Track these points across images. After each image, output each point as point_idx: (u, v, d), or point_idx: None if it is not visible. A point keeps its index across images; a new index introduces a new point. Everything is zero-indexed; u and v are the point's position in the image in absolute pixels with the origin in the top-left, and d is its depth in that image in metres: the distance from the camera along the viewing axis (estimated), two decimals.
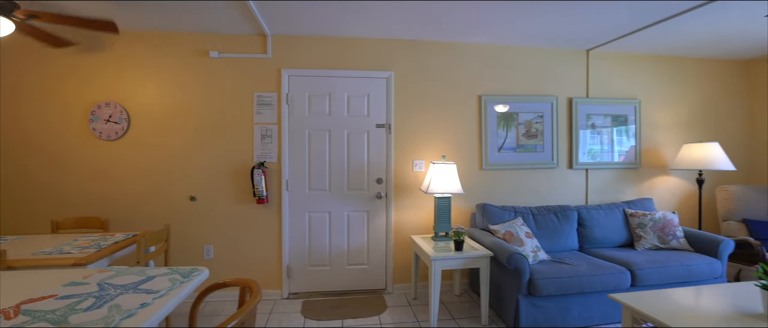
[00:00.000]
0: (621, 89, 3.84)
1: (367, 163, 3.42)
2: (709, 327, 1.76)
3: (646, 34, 3.26)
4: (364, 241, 3.45)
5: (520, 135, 3.61)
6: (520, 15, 2.84)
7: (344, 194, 3.40)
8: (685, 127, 3.99)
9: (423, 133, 3.48)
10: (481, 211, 3.28)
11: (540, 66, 3.66)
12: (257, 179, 3.19)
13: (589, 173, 3.79)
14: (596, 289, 2.73)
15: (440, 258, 2.70)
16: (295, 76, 3.32)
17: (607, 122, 3.80)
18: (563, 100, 3.71)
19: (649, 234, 3.28)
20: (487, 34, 3.30)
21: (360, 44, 3.38)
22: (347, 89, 3.38)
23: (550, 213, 3.35)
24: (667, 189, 3.95)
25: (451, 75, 3.52)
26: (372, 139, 3.42)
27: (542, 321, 2.69)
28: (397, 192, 3.45)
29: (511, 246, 2.75)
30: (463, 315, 3.02)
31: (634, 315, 2.04)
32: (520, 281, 2.64)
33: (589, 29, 3.15)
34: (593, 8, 2.72)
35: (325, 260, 3.41)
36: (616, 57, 3.82)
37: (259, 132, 3.29)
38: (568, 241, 3.30)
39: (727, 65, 4.10)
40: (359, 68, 3.39)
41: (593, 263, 2.91)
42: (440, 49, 3.49)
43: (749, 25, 3.06)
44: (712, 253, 3.06)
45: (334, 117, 3.37)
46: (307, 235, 3.38)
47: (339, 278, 3.43)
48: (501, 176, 3.60)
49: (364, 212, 3.43)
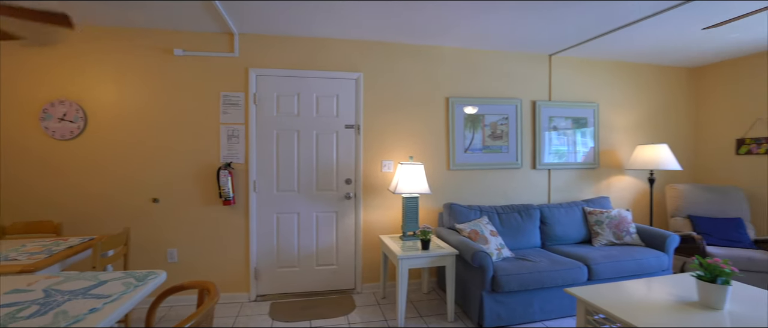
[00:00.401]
0: (581, 93, 4.03)
1: (336, 163, 3.43)
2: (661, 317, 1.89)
3: (603, 41, 3.43)
4: (333, 241, 3.45)
5: (486, 136, 3.71)
6: (486, 19, 2.93)
7: (313, 195, 3.39)
8: (639, 130, 4.23)
9: (392, 133, 3.52)
10: (448, 210, 3.36)
11: (505, 69, 3.78)
12: (224, 180, 3.13)
13: (552, 173, 3.95)
14: (556, 284, 2.85)
15: (407, 257, 2.74)
16: (263, 75, 3.28)
17: (568, 124, 3.97)
18: (527, 102, 3.85)
19: (605, 231, 3.46)
20: (455, 38, 3.38)
21: (329, 45, 3.39)
22: (316, 90, 3.38)
23: (514, 212, 3.47)
24: (622, 188, 4.18)
25: (420, 77, 3.58)
26: (341, 139, 3.43)
27: (505, 316, 2.79)
28: (366, 192, 3.47)
29: (475, 244, 2.83)
30: (430, 313, 3.08)
31: (587, 308, 2.15)
32: (484, 278, 2.72)
33: (550, 35, 3.29)
34: (553, 15, 2.84)
35: (293, 261, 3.39)
36: (576, 62, 4.00)
37: (226, 132, 3.23)
38: (531, 238, 3.42)
39: (677, 72, 4.37)
40: (328, 69, 3.39)
41: (553, 259, 3.03)
42: (409, 51, 3.54)
43: (689, 36, 3.28)
44: (660, 247, 3.26)
45: (303, 117, 3.36)
46: (276, 236, 3.35)
47: (308, 279, 3.42)
48: (468, 176, 3.69)
49: (333, 213, 3.44)
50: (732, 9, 2.69)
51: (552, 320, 2.93)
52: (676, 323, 1.80)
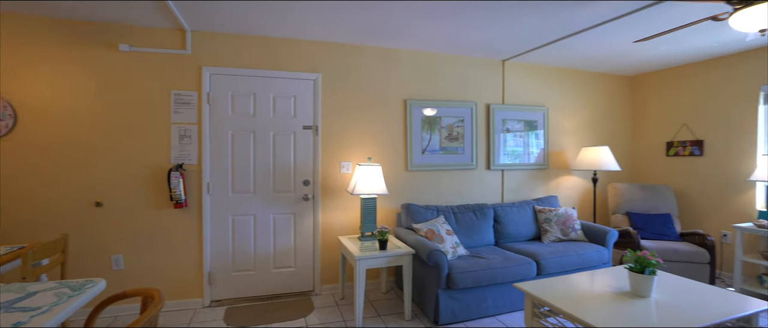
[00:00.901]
0: (532, 97, 4.24)
1: (294, 164, 3.39)
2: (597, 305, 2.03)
3: (551, 49, 3.63)
4: (291, 243, 3.41)
5: (443, 138, 3.82)
6: (443, 24, 3.01)
7: (270, 197, 3.33)
8: (584, 133, 4.53)
9: (351, 135, 3.54)
10: (405, 210, 3.42)
11: (461, 73, 3.91)
12: (175, 182, 3.00)
13: (505, 174, 4.13)
14: (507, 280, 2.99)
15: (365, 258, 2.77)
16: (218, 74, 3.18)
17: (520, 127, 4.17)
18: (482, 106, 4.00)
19: (553, 228, 3.67)
20: (413, 41, 3.44)
21: (287, 45, 3.34)
22: (273, 90, 3.32)
23: (470, 211, 3.59)
24: (569, 187, 4.45)
25: (379, 79, 3.62)
26: (299, 140, 3.39)
27: (460, 312, 2.88)
28: (325, 193, 3.46)
29: (431, 243, 2.91)
30: (388, 312, 3.12)
31: (533, 301, 2.28)
32: (440, 276, 2.80)
33: (503, 42, 3.44)
34: (505, 22, 2.97)
35: (250, 264, 3.31)
36: (528, 68, 4.21)
37: (177, 132, 3.10)
38: (486, 236, 3.56)
39: (617, 80, 4.71)
40: (286, 69, 3.34)
41: (506, 256, 3.18)
42: (368, 53, 3.57)
43: (623, 48, 3.56)
44: (601, 242, 3.51)
45: (260, 118, 3.29)
46: (231, 239, 3.26)
47: (265, 282, 3.35)
48: (425, 176, 3.78)
49: (290, 214, 3.39)
50: (659, 26, 2.94)
51: (504, 314, 3.06)
52: (609, 312, 1.95)
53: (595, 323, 1.83)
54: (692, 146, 4.15)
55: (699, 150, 4.09)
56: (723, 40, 3.39)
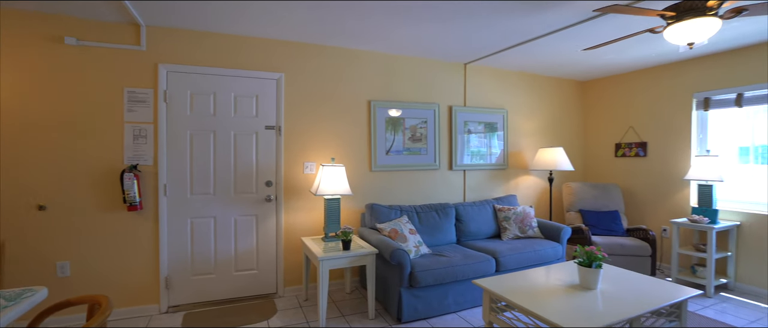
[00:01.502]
0: (492, 100, 4.40)
1: (256, 165, 3.33)
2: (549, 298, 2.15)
3: (510, 54, 3.79)
4: (253, 245, 3.35)
5: (407, 139, 3.89)
6: (406, 27, 3.07)
7: (231, 198, 3.26)
8: (541, 134, 4.75)
9: (314, 135, 3.52)
10: (369, 211, 3.45)
11: (424, 76, 3.99)
12: (128, 184, 2.87)
13: (467, 174, 4.25)
14: (468, 277, 3.09)
15: (328, 258, 2.77)
16: (176, 72, 3.07)
17: (481, 128, 4.32)
18: (444, 107, 4.11)
19: (512, 226, 3.82)
20: (376, 43, 3.48)
21: (249, 43, 3.28)
22: (234, 89, 3.25)
23: (432, 211, 3.68)
24: (527, 186, 4.65)
25: (343, 79, 3.62)
26: (261, 140, 3.34)
27: (422, 310, 2.95)
28: (288, 194, 3.43)
29: (395, 243, 2.96)
30: (352, 312, 3.14)
31: (491, 296, 2.37)
32: (402, 274, 2.85)
33: (465, 46, 3.55)
34: (466, 27, 3.07)
35: (210, 267, 3.22)
36: (489, 71, 4.37)
37: (131, 131, 2.96)
38: (448, 235, 3.66)
39: (571, 84, 4.98)
40: (248, 68, 3.28)
41: (466, 253, 3.28)
42: (332, 54, 3.57)
43: (574, 55, 3.77)
44: (556, 238, 3.70)
45: (220, 117, 3.21)
46: (190, 242, 3.15)
47: (226, 286, 3.27)
48: (389, 176, 3.83)
49: (252, 216, 3.33)
50: (605, 36, 3.15)
51: (465, 310, 3.16)
52: (559, 304, 2.07)
53: (545, 315, 1.94)
54: (637, 148, 4.46)
55: (643, 151, 4.40)
56: (661, 51, 3.67)
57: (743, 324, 2.90)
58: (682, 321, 2.30)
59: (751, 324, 2.91)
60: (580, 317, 1.92)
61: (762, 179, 3.55)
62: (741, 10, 2.09)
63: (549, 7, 2.63)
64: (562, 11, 2.70)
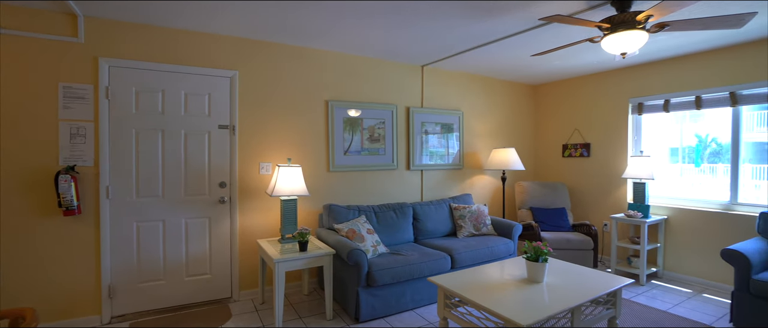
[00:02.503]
0: (449, 101, 4.53)
1: (209, 166, 3.21)
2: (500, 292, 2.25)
3: (465, 57, 3.91)
4: (206, 249, 3.23)
5: (365, 139, 3.91)
6: (361, 27, 3.08)
7: (181, 200, 3.12)
8: (494, 135, 4.95)
9: (271, 135, 3.45)
10: (327, 211, 3.44)
11: (383, 77, 4.03)
12: (64, 187, 2.67)
13: (424, 174, 4.35)
14: (424, 274, 3.16)
15: (284, 260, 2.73)
16: (119, 67, 2.89)
17: (438, 129, 4.43)
18: (402, 108, 4.17)
19: (467, 224, 3.96)
20: (334, 42, 3.47)
21: (201, 39, 3.15)
22: (185, 86, 3.11)
23: (390, 210, 3.72)
24: (482, 185, 4.83)
25: (300, 79, 3.58)
26: (214, 140, 3.23)
27: (380, 308, 2.98)
28: (243, 196, 3.34)
29: (352, 243, 2.97)
30: (310, 313, 3.12)
31: (445, 293, 2.45)
32: (360, 274, 2.87)
33: (421, 48, 3.62)
34: (421, 29, 3.14)
35: (158, 273, 3.07)
36: (445, 74, 4.48)
37: (67, 130, 2.75)
38: (405, 234, 3.72)
39: (523, 88, 5.23)
40: (200, 65, 3.16)
41: (423, 252, 3.35)
42: (289, 52, 3.52)
43: (524, 60, 3.97)
44: (508, 235, 3.88)
45: (169, 116, 3.07)
46: (136, 247, 2.98)
47: (177, 292, 3.13)
48: (348, 177, 3.84)
49: (205, 219, 3.21)
50: (551, 43, 3.34)
51: (422, 307, 3.23)
52: (507, 297, 2.18)
53: (494, 308, 2.03)
54: (582, 148, 4.77)
55: (587, 152, 4.71)
56: (602, 59, 3.95)
57: (667, 308, 3.20)
58: (617, 308, 2.49)
59: (673, 307, 3.21)
60: (526, 308, 2.03)
61: (687, 176, 3.93)
62: (664, 25, 2.30)
63: (502, 14, 2.75)
64: (514, 18, 2.83)
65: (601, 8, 2.59)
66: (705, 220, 3.69)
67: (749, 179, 7.76)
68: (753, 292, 2.70)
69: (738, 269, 2.78)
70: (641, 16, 2.27)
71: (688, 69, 3.79)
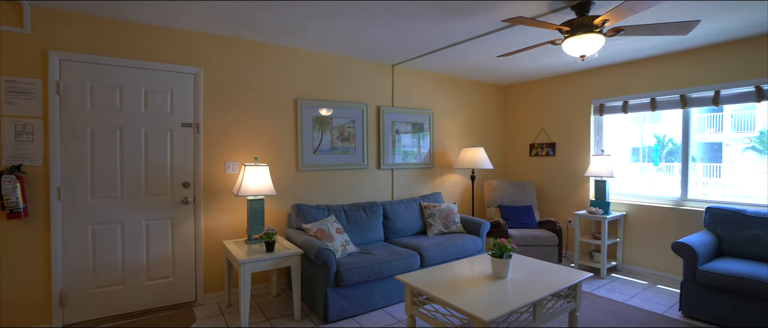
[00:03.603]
0: (419, 101, 4.57)
1: (171, 165, 3.10)
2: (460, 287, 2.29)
3: (434, 57, 3.95)
4: (169, 251, 3.11)
5: (335, 138, 3.88)
6: (331, 25, 3.05)
7: (142, 201, 2.99)
8: (464, 135, 5.03)
9: (237, 133, 3.37)
10: (296, 211, 3.39)
11: (353, 75, 4.01)
12: (9, 188, 2.50)
13: (395, 173, 4.37)
14: (393, 273, 3.17)
15: (250, 261, 2.67)
16: (71, 61, 2.74)
17: (409, 129, 4.46)
18: (373, 107, 4.17)
19: (437, 222, 4.00)
20: (302, 40, 3.42)
21: (162, 34, 3.03)
22: (145, 83, 2.99)
23: (360, 209, 3.71)
24: (452, 184, 4.90)
25: (268, 76, 3.51)
26: (177, 139, 3.11)
27: (349, 308, 2.97)
28: (208, 196, 3.24)
29: (320, 243, 2.94)
30: (278, 315, 3.06)
31: (412, 290, 2.46)
32: (328, 274, 2.84)
33: (391, 47, 3.62)
34: (390, 29, 3.14)
35: (116, 278, 2.93)
36: (415, 74, 4.52)
37: (12, 127, 2.58)
38: (375, 233, 3.72)
39: (492, 88, 5.35)
40: (161, 60, 3.03)
41: (393, 250, 3.36)
42: (256, 49, 3.44)
43: (491, 61, 4.06)
44: (476, 233, 3.95)
45: (128, 113, 2.93)
46: (91, 251, 2.84)
47: (137, 297, 3.00)
48: (317, 176, 3.80)
49: (167, 220, 3.09)
50: (517, 44, 3.43)
51: (391, 306, 3.24)
52: (472, 293, 2.22)
53: (459, 304, 2.06)
54: (548, 148, 4.92)
55: (553, 151, 4.87)
56: (566, 61, 4.09)
57: (624, 299, 3.36)
58: (577, 301, 2.59)
59: (630, 298, 3.37)
60: (490, 304, 2.07)
61: (647, 175, 4.14)
62: (619, 29, 2.41)
63: (470, 16, 2.79)
64: (481, 20, 2.88)
65: (562, 12, 2.68)
66: (659, 215, 3.89)
67: (701, 176, 8.22)
68: (699, 281, 2.88)
69: (686, 261, 2.95)
70: (598, 20, 2.37)
71: (644, 72, 3.99)
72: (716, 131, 9.37)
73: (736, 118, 9.11)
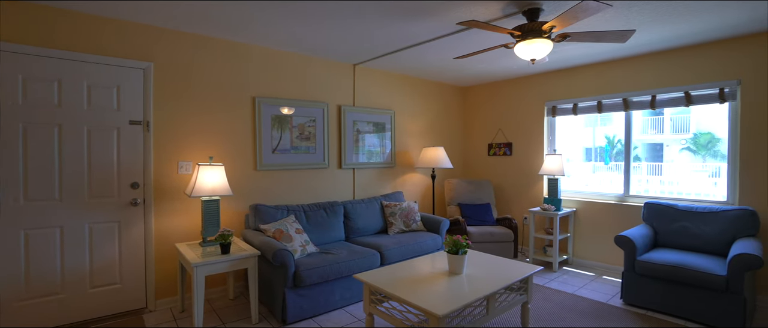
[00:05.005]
0: (381, 101, 4.60)
1: (118, 165, 2.93)
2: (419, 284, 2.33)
3: (396, 58, 3.99)
4: (115, 256, 2.94)
5: (295, 137, 3.83)
6: (288, 23, 3.01)
7: (84, 203, 2.81)
8: (425, 135, 5.12)
9: (192, 132, 3.24)
10: (253, 212, 3.31)
11: (314, 74, 3.98)
12: None
13: (356, 172, 4.37)
14: (353, 272, 3.17)
15: (203, 264, 2.58)
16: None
17: (370, 128, 4.48)
18: (334, 107, 4.16)
19: (398, 221, 4.05)
20: (261, 37, 3.34)
21: (107, 25, 2.86)
22: (88, 77, 2.81)
23: (321, 209, 3.69)
24: (413, 183, 4.97)
25: (225, 73, 3.40)
26: (124, 137, 2.95)
27: (308, 308, 2.94)
28: (160, 197, 3.09)
29: (278, 243, 2.89)
30: (235, 318, 2.98)
31: (370, 289, 2.48)
32: (286, 274, 2.80)
33: (352, 47, 3.62)
34: (350, 28, 3.14)
35: (55, 287, 2.73)
36: (377, 73, 4.54)
37: None
38: (336, 233, 3.71)
39: (453, 89, 5.48)
40: (106, 53, 2.86)
41: (353, 250, 3.37)
42: (212, 45, 3.33)
43: (451, 62, 4.16)
44: (436, 230, 4.04)
45: (68, 109, 2.74)
46: (23, 259, 2.62)
47: (78, 307, 2.81)
48: (276, 176, 3.73)
49: (113, 223, 2.93)
50: (474, 47, 3.54)
51: (352, 305, 3.24)
52: (428, 289, 2.27)
53: (414, 301, 2.10)
54: (505, 147, 5.11)
55: (510, 151, 5.06)
56: (521, 64, 4.27)
57: (573, 290, 3.56)
58: (529, 293, 2.71)
59: (578, 289, 3.58)
60: (444, 299, 2.12)
61: (599, 173, 4.39)
62: (566, 35, 2.55)
63: (427, 17, 2.85)
64: (439, 22, 2.94)
65: (514, 17, 2.79)
66: (604, 211, 4.15)
67: (645, 174, 8.83)
68: (638, 271, 3.10)
69: (626, 253, 3.18)
70: (546, 26, 2.49)
71: (592, 77, 4.24)
72: (657, 133, 10.14)
73: (674, 121, 9.90)
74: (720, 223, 3.17)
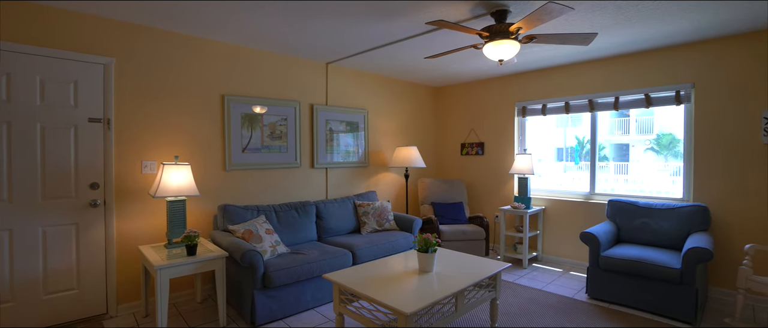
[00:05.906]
0: (354, 100, 4.58)
1: (76, 164, 2.80)
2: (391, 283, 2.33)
3: (368, 57, 3.99)
4: (73, 260, 2.80)
5: (265, 136, 3.76)
6: (263, 18, 2.94)
7: (38, 205, 2.66)
8: (398, 134, 5.15)
9: (156, 131, 3.13)
10: (222, 212, 3.24)
11: (285, 72, 3.92)
12: None
13: (329, 172, 4.34)
14: (325, 272, 3.14)
15: (167, 266, 2.50)
16: None
17: (343, 128, 4.45)
18: (306, 105, 4.11)
19: (371, 220, 4.04)
20: (230, 34, 3.27)
21: (64, 17, 2.72)
22: (41, 72, 2.66)
23: (292, 209, 3.64)
24: (387, 182, 4.98)
25: (193, 71, 3.31)
26: (82, 135, 2.82)
27: (278, 310, 2.90)
28: (122, 198, 2.97)
29: (247, 244, 2.83)
30: (202, 321, 2.90)
31: (340, 288, 2.46)
32: (255, 275, 2.75)
33: (324, 45, 3.59)
34: (321, 25, 3.12)
35: (4, 294, 2.57)
36: (350, 72, 4.53)
37: None
38: (308, 233, 3.67)
39: (425, 89, 5.52)
40: (63, 47, 2.73)
41: (325, 249, 3.34)
42: (180, 41, 3.22)
43: (423, 62, 4.20)
44: (409, 229, 4.06)
45: (18, 105, 2.59)
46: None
47: (32, 315, 2.66)
48: (246, 175, 3.65)
49: (70, 225, 2.79)
50: (445, 47, 3.58)
51: (324, 305, 3.22)
52: (398, 288, 2.27)
53: (384, 300, 2.10)
54: (477, 147, 5.20)
55: (482, 150, 5.15)
56: (492, 65, 4.35)
57: (542, 286, 3.66)
58: (497, 290, 2.77)
59: (547, 285, 3.68)
60: (413, 297, 2.13)
61: (569, 172, 4.53)
62: (532, 37, 2.62)
63: (398, 17, 2.85)
64: (409, 22, 2.95)
65: (483, 18, 2.84)
66: (572, 209, 4.29)
67: (613, 173, 9.18)
68: (602, 266, 3.22)
69: (591, 248, 3.29)
70: (513, 27, 2.55)
71: (560, 78, 4.37)
72: (624, 133, 10.58)
73: (640, 122, 10.35)
74: (676, 219, 3.33)
